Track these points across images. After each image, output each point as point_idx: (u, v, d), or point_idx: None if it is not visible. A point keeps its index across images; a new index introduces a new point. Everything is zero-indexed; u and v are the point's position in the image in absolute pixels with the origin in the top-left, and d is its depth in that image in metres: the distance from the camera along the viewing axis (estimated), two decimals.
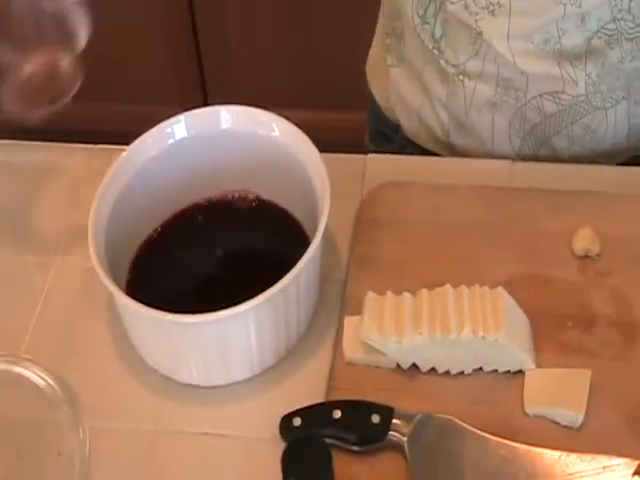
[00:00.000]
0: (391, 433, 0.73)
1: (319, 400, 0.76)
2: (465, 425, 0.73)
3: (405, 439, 0.72)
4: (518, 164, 0.94)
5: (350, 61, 1.13)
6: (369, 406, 0.74)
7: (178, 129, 0.85)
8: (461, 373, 0.77)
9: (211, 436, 0.77)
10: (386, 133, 1.10)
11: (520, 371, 0.76)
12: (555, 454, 0.71)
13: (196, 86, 1.98)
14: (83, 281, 0.86)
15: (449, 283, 0.78)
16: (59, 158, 0.92)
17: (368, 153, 0.96)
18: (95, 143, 0.97)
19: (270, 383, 0.79)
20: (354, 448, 0.73)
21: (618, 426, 0.73)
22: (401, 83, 1.02)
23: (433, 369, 0.77)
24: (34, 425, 0.77)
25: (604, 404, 0.74)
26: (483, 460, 0.72)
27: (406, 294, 0.78)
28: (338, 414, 0.73)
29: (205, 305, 0.76)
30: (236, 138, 0.85)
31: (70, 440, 0.75)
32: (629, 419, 0.74)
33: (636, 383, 0.75)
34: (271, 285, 0.73)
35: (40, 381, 0.79)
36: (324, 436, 0.73)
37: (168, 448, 0.77)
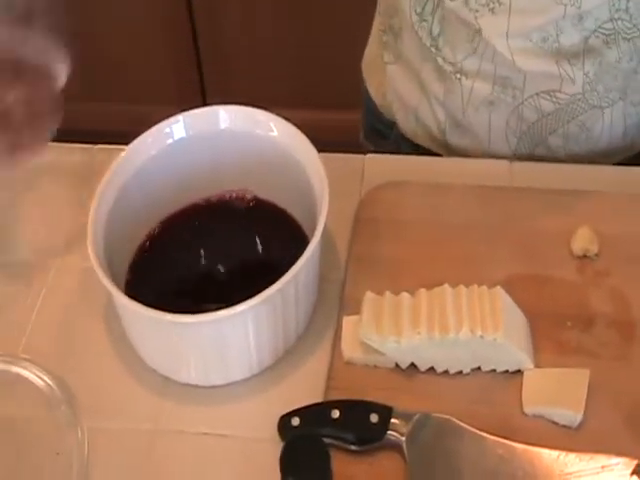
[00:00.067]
0: (389, 433, 0.73)
1: (318, 400, 0.76)
2: (463, 425, 0.73)
3: (403, 439, 0.72)
4: (516, 164, 0.94)
5: (350, 61, 1.13)
6: (367, 406, 0.74)
7: (177, 129, 0.85)
8: (459, 373, 0.77)
9: (210, 436, 0.77)
10: (381, 130, 1.10)
11: (518, 371, 0.77)
12: (553, 453, 0.71)
13: (195, 86, 1.98)
14: (82, 281, 0.86)
15: (447, 283, 0.78)
16: (58, 158, 0.92)
17: (363, 150, 0.96)
18: (94, 143, 0.97)
19: (269, 383, 0.79)
20: (352, 448, 0.73)
21: (617, 425, 0.73)
22: (398, 81, 1.02)
23: (432, 369, 0.77)
24: (33, 425, 0.77)
25: (603, 404, 0.74)
26: (481, 459, 0.72)
27: (405, 294, 0.78)
28: (337, 414, 0.73)
29: (204, 305, 0.76)
30: (234, 138, 0.85)
31: (69, 440, 0.75)
32: (628, 418, 0.74)
33: (635, 382, 0.75)
34: (269, 285, 0.73)
35: (38, 381, 0.79)
36: (323, 436, 0.73)
37: (167, 448, 0.77)
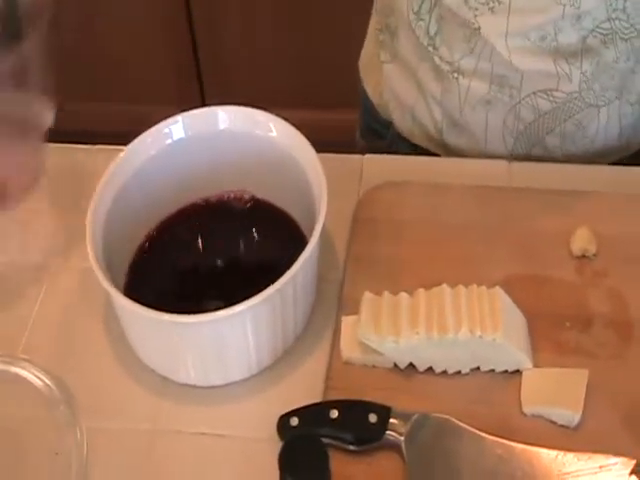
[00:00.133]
0: (388, 433, 0.73)
1: (316, 400, 0.76)
2: (462, 424, 0.73)
3: (402, 438, 0.72)
4: (515, 164, 0.94)
5: (349, 61, 1.13)
6: (366, 406, 0.74)
7: (176, 129, 0.85)
8: (458, 373, 0.77)
9: (208, 436, 0.77)
10: (377, 130, 1.10)
11: (517, 371, 0.77)
12: (552, 453, 0.72)
13: (194, 87, 1.98)
14: (81, 281, 0.86)
15: (446, 283, 0.78)
16: (57, 158, 0.92)
17: (359, 150, 0.96)
18: (93, 143, 0.97)
19: (267, 383, 0.79)
20: (351, 448, 0.73)
21: (615, 425, 0.73)
22: (395, 80, 1.02)
23: (430, 369, 0.77)
24: (32, 425, 0.77)
25: (601, 403, 0.74)
26: (480, 459, 0.72)
27: (403, 294, 0.78)
28: (335, 414, 0.73)
29: (202, 305, 0.76)
30: (233, 138, 0.85)
31: (67, 440, 0.75)
32: (626, 418, 0.74)
33: (632, 382, 0.76)
34: (268, 285, 0.73)
35: (37, 381, 0.79)
36: (321, 436, 0.73)
37: (165, 448, 0.77)
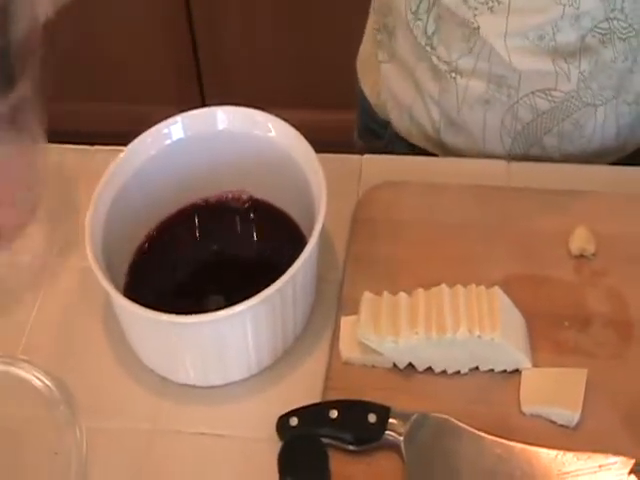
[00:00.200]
0: (387, 432, 0.73)
1: (316, 400, 0.76)
2: (461, 424, 0.73)
3: (401, 438, 0.72)
4: (514, 164, 0.94)
5: (349, 62, 1.13)
6: (365, 406, 0.74)
7: (175, 130, 0.85)
8: (457, 373, 0.77)
9: (208, 436, 0.77)
10: (375, 130, 1.09)
11: (516, 370, 0.77)
12: (551, 453, 0.72)
13: (194, 87, 1.98)
14: (80, 281, 0.86)
15: (445, 283, 0.78)
16: (57, 158, 0.92)
17: (357, 150, 0.96)
18: (93, 144, 0.97)
19: (267, 383, 0.79)
20: (350, 448, 0.73)
21: (614, 425, 0.73)
22: (392, 79, 1.02)
23: (429, 369, 0.77)
24: (31, 425, 0.77)
25: (600, 403, 0.74)
26: (479, 459, 0.72)
27: (402, 294, 0.78)
28: (335, 414, 0.73)
29: (202, 305, 0.76)
30: (233, 139, 0.86)
31: (67, 440, 0.75)
32: (625, 418, 0.74)
33: (632, 382, 0.76)
34: (268, 285, 0.73)
35: (37, 381, 0.79)
36: (321, 436, 0.73)
37: (165, 448, 0.77)
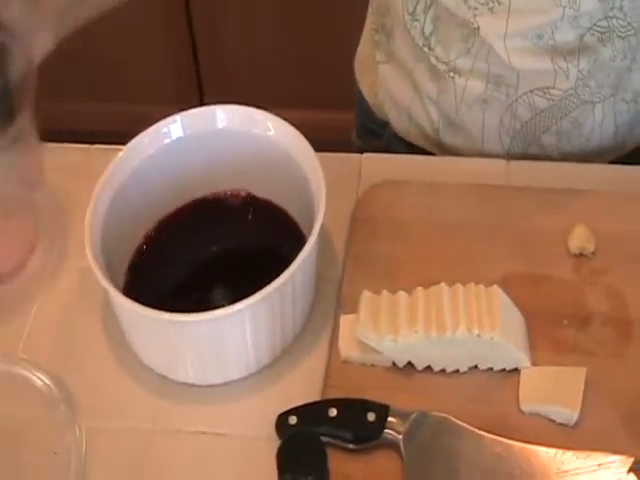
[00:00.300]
0: (387, 431, 0.73)
1: (315, 398, 0.76)
2: (460, 423, 0.73)
3: (401, 437, 0.72)
4: (513, 163, 0.94)
5: (349, 62, 1.13)
6: (365, 404, 0.74)
7: (174, 129, 0.85)
8: (457, 371, 0.77)
9: (207, 435, 0.77)
10: (374, 130, 1.09)
11: (515, 369, 0.77)
12: (550, 451, 0.72)
13: (193, 87, 1.98)
14: (80, 281, 0.86)
15: (444, 281, 0.78)
16: (57, 158, 0.92)
17: (356, 150, 0.96)
18: (92, 143, 0.97)
19: (266, 382, 0.79)
20: (350, 446, 0.73)
21: (613, 423, 0.74)
22: (390, 80, 1.02)
23: (429, 367, 0.77)
24: (31, 424, 0.77)
25: (599, 402, 0.74)
26: (478, 458, 0.72)
27: (402, 292, 0.78)
28: (334, 412, 0.74)
29: (201, 304, 0.76)
30: (232, 137, 0.86)
31: (67, 439, 0.75)
32: (624, 416, 0.74)
33: (631, 380, 0.76)
34: (267, 284, 0.73)
35: (37, 381, 0.79)
36: (320, 434, 0.73)
37: (165, 447, 0.77)
